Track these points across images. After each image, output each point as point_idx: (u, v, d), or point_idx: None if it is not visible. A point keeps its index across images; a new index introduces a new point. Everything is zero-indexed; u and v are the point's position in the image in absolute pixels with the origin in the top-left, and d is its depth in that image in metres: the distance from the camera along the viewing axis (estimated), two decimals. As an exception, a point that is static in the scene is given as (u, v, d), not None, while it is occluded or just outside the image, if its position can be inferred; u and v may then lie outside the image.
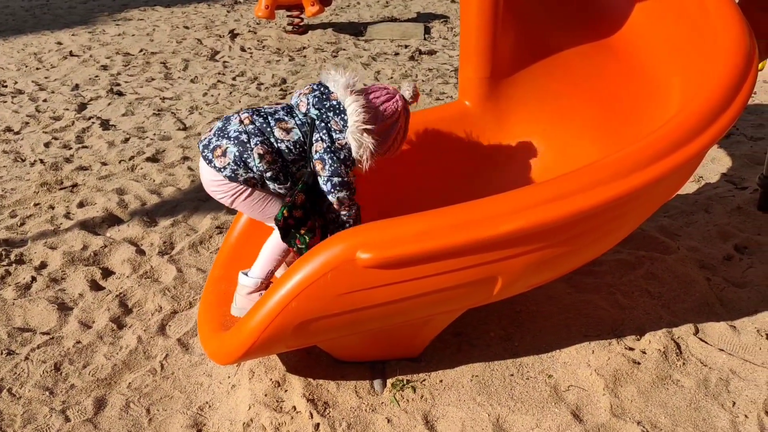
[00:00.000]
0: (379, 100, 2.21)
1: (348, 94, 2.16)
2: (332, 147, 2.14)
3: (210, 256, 3.01)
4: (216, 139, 2.14)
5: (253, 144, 2.09)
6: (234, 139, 2.11)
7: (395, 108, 2.22)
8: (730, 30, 2.25)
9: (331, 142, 2.14)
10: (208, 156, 2.13)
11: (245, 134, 2.11)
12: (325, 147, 2.13)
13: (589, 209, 1.93)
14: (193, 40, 6.97)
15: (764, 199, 3.29)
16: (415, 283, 1.91)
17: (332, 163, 2.13)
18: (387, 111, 2.21)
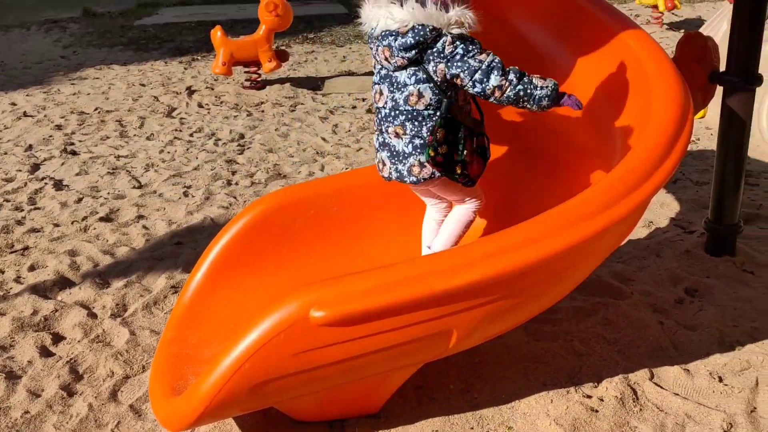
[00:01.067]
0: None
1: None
2: (444, 55, 2.12)
3: (164, 317, 2.96)
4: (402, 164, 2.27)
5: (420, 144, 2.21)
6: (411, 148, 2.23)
7: None
8: (666, 84, 2.35)
9: (442, 55, 2.12)
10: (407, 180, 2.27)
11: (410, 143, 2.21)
12: (445, 64, 2.13)
13: (540, 260, 1.96)
14: (150, 97, 6.97)
15: (711, 243, 3.38)
16: (371, 340, 1.91)
17: (463, 67, 2.11)
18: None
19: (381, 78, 2.28)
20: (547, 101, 2.14)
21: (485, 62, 2.11)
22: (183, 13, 13.52)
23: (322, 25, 11.72)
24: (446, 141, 2.16)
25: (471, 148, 2.22)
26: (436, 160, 2.19)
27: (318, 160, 5.05)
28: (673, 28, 10.52)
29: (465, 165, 2.22)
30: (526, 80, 2.12)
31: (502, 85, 2.11)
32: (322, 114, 6.31)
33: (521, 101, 2.14)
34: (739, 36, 3.10)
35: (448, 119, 2.18)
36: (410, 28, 2.12)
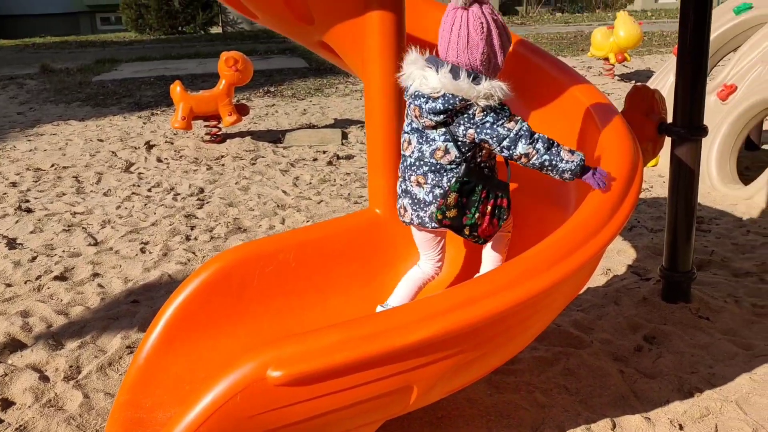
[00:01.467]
0: (451, 42, 2.18)
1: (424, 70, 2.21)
2: (474, 122, 2.17)
3: (119, 379, 2.89)
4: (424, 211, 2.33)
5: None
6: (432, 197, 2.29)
7: (472, 25, 2.15)
8: (615, 137, 2.41)
9: (472, 122, 2.18)
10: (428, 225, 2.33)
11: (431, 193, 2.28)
12: (474, 130, 2.18)
13: (498, 313, 1.96)
14: (108, 152, 6.92)
15: (667, 290, 3.43)
16: (329, 399, 1.88)
17: (492, 134, 2.16)
18: (469, 38, 2.16)
19: (412, 129, 2.34)
20: (569, 174, 2.20)
21: (513, 130, 2.16)
22: (142, 68, 13.56)
23: (283, 79, 11.85)
24: (457, 205, 2.22)
25: (485, 210, 2.26)
26: (443, 223, 2.26)
27: (279, 213, 5.04)
28: (624, 79, 10.87)
29: (474, 227, 2.26)
30: (553, 151, 2.18)
31: (529, 153, 2.17)
32: (282, 167, 6.32)
33: (545, 169, 2.21)
34: (683, 89, 3.21)
35: (464, 183, 2.24)
36: (441, 95, 2.18)
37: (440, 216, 2.24)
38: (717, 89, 5.57)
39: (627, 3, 27.73)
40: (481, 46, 2.16)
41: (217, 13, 23.11)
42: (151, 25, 22.07)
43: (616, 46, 10.18)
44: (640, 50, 13.67)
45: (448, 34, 2.20)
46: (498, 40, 2.18)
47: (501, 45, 2.19)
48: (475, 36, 2.15)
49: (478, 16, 2.15)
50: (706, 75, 3.25)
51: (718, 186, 5.13)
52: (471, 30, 2.15)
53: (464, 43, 2.16)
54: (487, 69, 2.19)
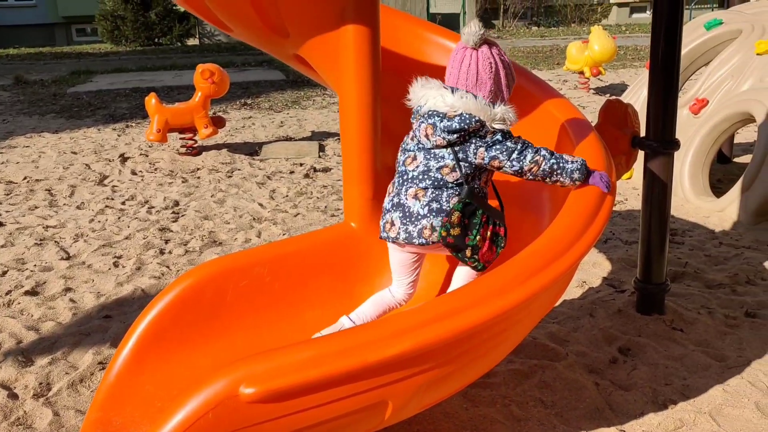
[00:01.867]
0: (461, 74, 2.29)
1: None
2: (485, 141, 2.25)
3: (91, 395, 2.84)
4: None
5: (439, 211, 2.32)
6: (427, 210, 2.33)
7: (481, 65, 2.27)
8: (589, 151, 2.43)
9: (483, 141, 2.25)
10: (416, 241, 2.33)
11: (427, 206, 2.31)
12: (485, 149, 2.25)
13: (473, 327, 1.96)
14: (81, 165, 6.84)
15: (641, 302, 3.46)
16: (303, 415, 1.86)
17: (501, 149, 2.24)
18: (478, 77, 2.28)
19: (419, 148, 2.38)
20: (578, 174, 2.28)
21: (520, 143, 2.27)
22: (117, 80, 13.47)
23: (260, 91, 11.83)
24: (460, 224, 2.25)
25: (485, 234, 2.29)
26: (447, 240, 2.26)
27: (255, 226, 5.01)
28: (599, 92, 11.00)
29: (476, 249, 2.28)
30: (557, 155, 2.28)
31: (538, 160, 2.25)
32: (259, 179, 6.29)
33: (555, 174, 2.27)
34: (655, 103, 3.25)
35: (467, 204, 2.27)
36: (458, 114, 2.25)
37: (444, 233, 2.26)
38: (689, 103, 5.65)
39: (601, 18, 28.13)
40: (489, 84, 2.28)
41: (194, 25, 23.06)
42: (127, 36, 21.95)
43: (590, 60, 10.30)
44: (614, 64, 13.85)
45: (457, 71, 2.31)
46: (505, 80, 2.31)
47: (507, 84, 2.33)
48: (484, 75, 2.28)
49: (487, 57, 2.28)
50: (678, 89, 3.29)
51: (691, 198, 5.19)
52: (480, 69, 2.27)
53: (473, 81, 2.28)
54: (493, 102, 2.30)
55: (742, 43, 5.73)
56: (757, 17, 5.97)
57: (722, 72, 5.66)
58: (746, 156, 6.63)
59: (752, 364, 2.98)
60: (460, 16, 25.25)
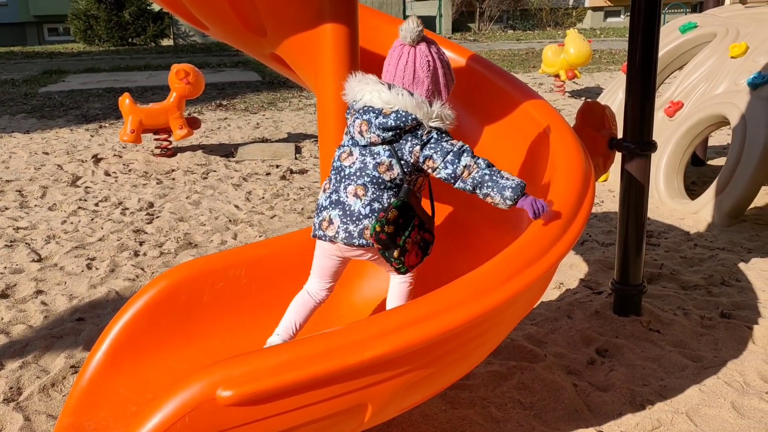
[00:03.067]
0: (398, 72, 2.22)
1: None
2: (421, 139, 2.18)
3: (63, 400, 2.78)
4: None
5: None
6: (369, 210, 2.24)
7: (418, 62, 2.21)
8: (567, 152, 2.43)
9: (418, 139, 2.18)
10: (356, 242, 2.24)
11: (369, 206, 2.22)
12: (420, 147, 2.18)
13: (452, 329, 1.94)
14: (53, 165, 6.74)
15: (618, 303, 3.47)
16: (282, 418, 1.83)
17: (436, 148, 2.17)
18: (415, 75, 2.21)
19: (353, 143, 2.30)
20: (510, 192, 2.16)
21: (456, 145, 2.19)
22: (90, 80, 13.31)
23: (236, 92, 11.75)
24: (395, 223, 2.18)
25: (415, 238, 2.23)
26: (380, 236, 2.18)
27: (230, 228, 4.96)
28: (575, 95, 11.08)
29: (404, 251, 2.21)
30: (494, 168, 2.20)
31: (471, 166, 2.17)
32: (235, 181, 6.24)
33: (486, 186, 2.17)
34: (632, 106, 3.27)
35: (405, 204, 2.21)
36: (394, 110, 2.19)
37: (378, 228, 2.16)
38: (664, 106, 5.70)
39: (576, 21, 28.38)
40: (426, 83, 2.21)
41: (169, 25, 22.85)
42: (100, 36, 21.69)
43: (566, 63, 10.38)
44: (589, 67, 13.96)
45: (394, 68, 2.24)
46: (443, 79, 2.25)
47: (446, 83, 2.26)
48: (421, 73, 2.21)
49: (425, 54, 2.21)
50: (654, 92, 3.31)
51: (666, 200, 5.24)
52: (417, 67, 2.20)
53: (410, 79, 2.22)
54: (432, 101, 2.23)
55: (716, 46, 5.81)
56: (731, 21, 6.06)
57: (697, 75, 5.73)
58: (720, 159, 6.72)
59: (728, 364, 3.01)
60: (436, 19, 25.32)
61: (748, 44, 5.50)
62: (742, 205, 4.81)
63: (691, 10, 25.56)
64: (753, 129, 4.85)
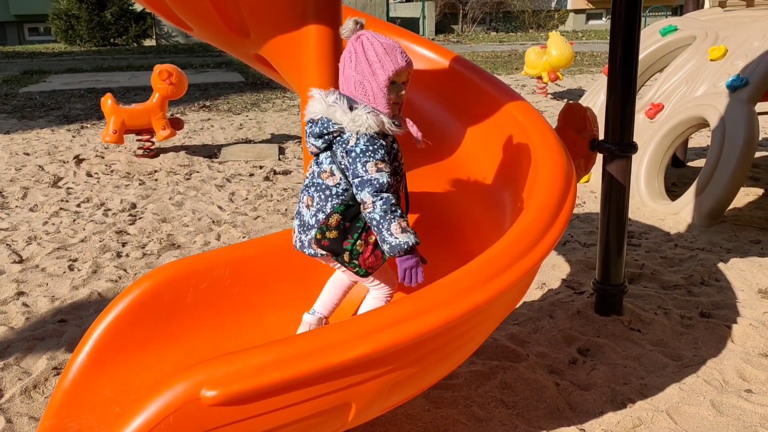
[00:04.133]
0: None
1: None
2: (346, 148, 2.13)
3: (45, 402, 2.76)
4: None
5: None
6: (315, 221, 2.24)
7: (345, 55, 2.17)
8: (550, 154, 2.45)
9: (344, 147, 2.14)
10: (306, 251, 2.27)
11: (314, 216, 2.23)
12: (345, 156, 2.14)
13: (436, 328, 1.96)
14: (34, 166, 6.68)
15: (599, 303, 3.51)
16: (266, 418, 1.84)
17: (350, 167, 2.13)
18: (344, 69, 2.17)
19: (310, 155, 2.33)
20: (387, 247, 2.12)
21: (369, 174, 2.11)
22: (72, 80, 13.21)
23: (219, 93, 11.71)
24: (338, 227, 2.17)
25: (368, 239, 2.20)
26: (322, 243, 2.19)
27: (214, 229, 4.95)
28: (557, 97, 11.16)
29: (355, 254, 2.19)
30: (388, 217, 2.10)
31: (367, 203, 2.11)
32: (218, 182, 6.22)
33: (374, 229, 2.14)
34: (613, 108, 3.30)
35: (349, 207, 2.19)
36: (319, 118, 2.19)
37: (319, 236, 2.17)
38: (645, 108, 5.76)
39: (559, 24, 28.56)
40: (352, 76, 2.16)
41: (151, 26, 22.72)
42: (81, 36, 21.51)
43: (548, 65, 10.45)
44: (571, 69, 14.07)
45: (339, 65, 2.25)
46: (369, 67, 2.12)
47: (373, 72, 2.12)
48: (348, 69, 2.17)
49: (349, 49, 2.18)
50: (635, 94, 3.35)
51: (647, 201, 5.29)
52: (344, 62, 2.19)
53: (342, 79, 2.21)
54: (366, 96, 2.15)
55: (696, 49, 5.88)
56: (710, 24, 6.13)
57: (677, 77, 5.80)
58: (700, 160, 6.79)
59: (707, 362, 3.05)
60: (419, 21, 25.38)
61: (727, 47, 5.58)
62: (722, 206, 4.87)
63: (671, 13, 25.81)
64: (732, 131, 4.92)
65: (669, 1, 27.26)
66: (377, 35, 2.16)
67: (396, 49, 2.15)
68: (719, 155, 4.91)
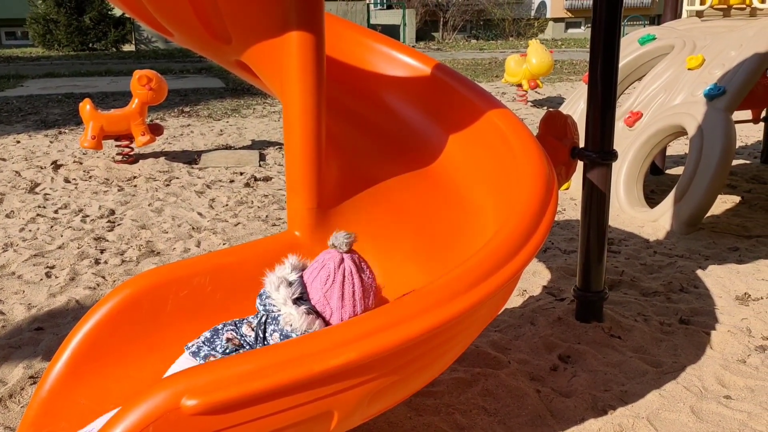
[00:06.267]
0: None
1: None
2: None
3: (21, 411, 2.72)
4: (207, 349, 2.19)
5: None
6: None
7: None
8: (531, 160, 2.46)
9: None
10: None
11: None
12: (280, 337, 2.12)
13: (418, 336, 1.95)
14: (10, 172, 6.60)
15: (580, 309, 3.52)
16: (248, 427, 1.82)
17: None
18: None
19: None
20: None
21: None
22: (50, 85, 13.08)
23: (199, 99, 11.65)
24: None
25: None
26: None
27: (194, 235, 4.91)
28: (537, 105, 11.23)
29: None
30: None
31: None
32: (198, 188, 6.18)
33: None
34: (593, 115, 3.33)
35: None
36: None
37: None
38: (624, 116, 5.82)
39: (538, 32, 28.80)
40: (320, 295, 2.14)
41: (130, 31, 22.58)
42: (59, 41, 21.32)
43: (528, 73, 10.52)
44: (551, 78, 14.18)
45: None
46: (339, 302, 2.14)
47: (342, 306, 2.14)
48: (317, 283, 2.15)
49: (328, 269, 2.14)
50: (615, 102, 3.38)
51: (626, 209, 5.33)
52: (318, 275, 2.15)
53: (308, 281, 2.18)
54: (324, 313, 2.15)
55: (674, 58, 5.95)
56: (688, 33, 6.21)
57: (655, 86, 5.86)
58: (678, 168, 6.87)
59: (687, 369, 3.07)
60: (400, 28, 25.47)
61: (705, 56, 5.65)
62: (700, 213, 4.92)
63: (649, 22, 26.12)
64: (709, 139, 4.97)
65: (647, 11, 27.60)
66: (360, 266, 2.15)
67: (371, 290, 2.16)
68: (697, 163, 4.97)
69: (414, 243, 2.77)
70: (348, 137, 2.96)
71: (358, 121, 3.08)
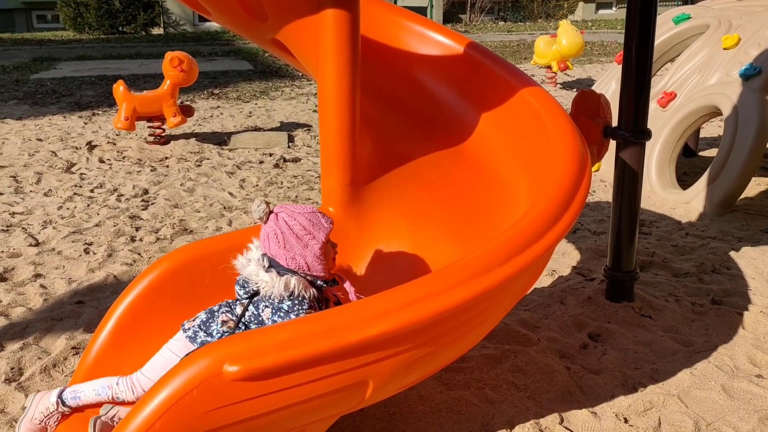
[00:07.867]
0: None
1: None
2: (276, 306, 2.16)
3: (64, 380, 2.81)
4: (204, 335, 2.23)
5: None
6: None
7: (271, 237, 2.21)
8: (565, 138, 2.47)
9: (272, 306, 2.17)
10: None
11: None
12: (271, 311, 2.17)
13: (452, 308, 1.99)
14: (47, 152, 6.73)
15: (610, 289, 3.53)
16: (286, 393, 1.87)
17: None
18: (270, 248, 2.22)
19: None
20: None
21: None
22: (82, 67, 13.24)
23: (228, 81, 11.72)
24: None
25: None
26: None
27: (225, 215, 4.99)
28: (566, 87, 11.13)
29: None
30: None
31: None
32: (228, 169, 6.25)
33: None
34: (628, 94, 3.31)
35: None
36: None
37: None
38: (657, 96, 5.75)
39: (568, 13, 28.41)
40: (282, 254, 2.20)
41: (159, 14, 22.70)
42: (90, 24, 21.50)
43: (558, 54, 10.41)
44: (581, 59, 14.01)
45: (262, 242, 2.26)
46: (299, 242, 2.19)
47: (306, 245, 2.20)
48: (275, 246, 2.20)
49: (271, 229, 2.20)
50: (650, 80, 3.36)
51: (658, 190, 5.30)
52: (270, 241, 2.21)
53: (269, 253, 2.23)
54: (300, 268, 2.21)
55: (709, 37, 5.86)
56: (724, 13, 6.11)
57: (690, 66, 5.78)
58: (711, 150, 6.79)
59: (718, 348, 3.07)
60: (427, 10, 25.30)
61: (740, 36, 5.56)
62: (733, 195, 4.87)
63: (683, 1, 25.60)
64: (744, 120, 4.92)
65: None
66: (293, 208, 2.23)
67: (316, 214, 2.23)
68: (731, 144, 4.91)
69: (446, 219, 2.80)
70: (381, 116, 2.99)
71: (391, 99, 3.10)
